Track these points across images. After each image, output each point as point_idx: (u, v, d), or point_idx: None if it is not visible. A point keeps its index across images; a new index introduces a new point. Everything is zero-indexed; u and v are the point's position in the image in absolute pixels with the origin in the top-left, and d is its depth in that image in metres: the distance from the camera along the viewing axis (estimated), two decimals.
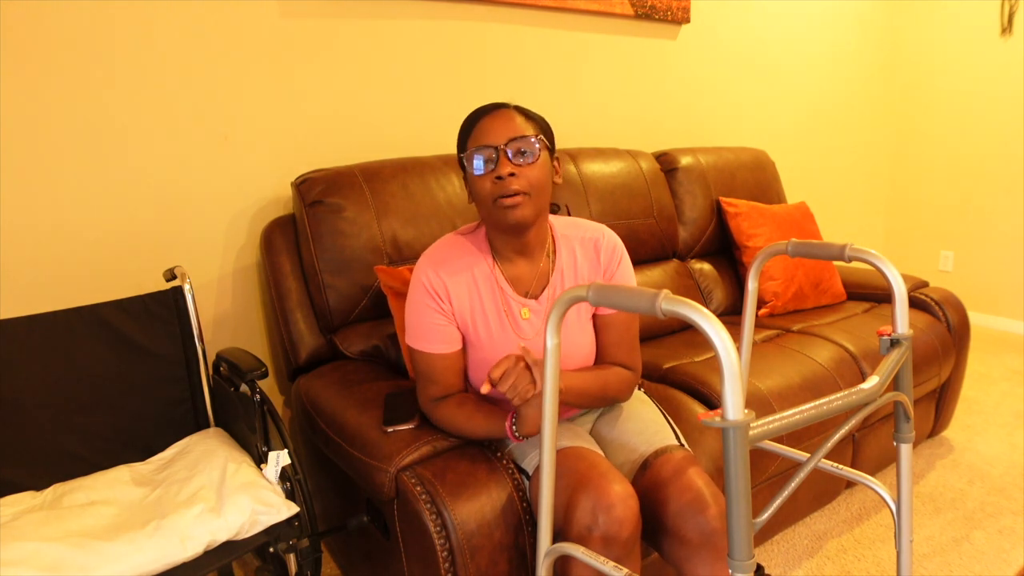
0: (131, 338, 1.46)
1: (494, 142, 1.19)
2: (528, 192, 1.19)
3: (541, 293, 1.31)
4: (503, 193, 1.18)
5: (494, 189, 1.19)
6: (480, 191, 1.21)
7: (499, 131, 1.19)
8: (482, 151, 1.19)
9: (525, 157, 1.19)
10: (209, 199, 1.75)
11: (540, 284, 1.31)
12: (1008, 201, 3.40)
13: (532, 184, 1.19)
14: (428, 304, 1.27)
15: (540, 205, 1.23)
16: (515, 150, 1.19)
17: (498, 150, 1.18)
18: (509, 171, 1.17)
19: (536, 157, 1.20)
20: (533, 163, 1.20)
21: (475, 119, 1.23)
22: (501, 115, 1.21)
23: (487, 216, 1.25)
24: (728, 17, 2.80)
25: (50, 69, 1.50)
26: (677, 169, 2.35)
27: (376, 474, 1.24)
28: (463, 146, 1.24)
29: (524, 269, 1.31)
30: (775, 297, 2.23)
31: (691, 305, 0.76)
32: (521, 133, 1.20)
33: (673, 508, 1.14)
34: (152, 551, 1.08)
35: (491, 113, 1.22)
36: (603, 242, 1.34)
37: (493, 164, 1.19)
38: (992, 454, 2.27)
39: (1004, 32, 3.27)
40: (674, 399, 1.60)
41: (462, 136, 1.25)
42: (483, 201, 1.22)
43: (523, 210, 1.19)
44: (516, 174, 1.18)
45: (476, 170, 1.20)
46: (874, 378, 0.93)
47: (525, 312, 1.30)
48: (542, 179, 1.21)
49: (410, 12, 1.98)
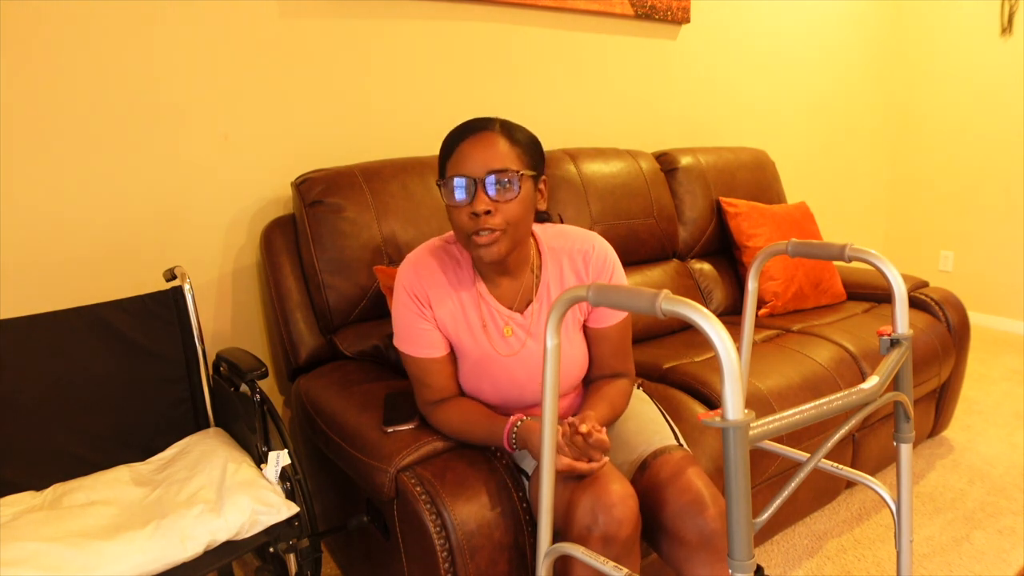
0: (131, 338, 1.46)
1: (472, 172, 1.12)
2: (504, 229, 1.14)
3: (526, 308, 1.28)
4: (478, 229, 1.13)
5: (469, 224, 1.13)
6: (456, 221, 1.16)
7: (479, 160, 1.12)
8: (459, 180, 1.13)
9: (505, 192, 1.12)
10: (209, 199, 1.75)
11: (524, 299, 1.28)
12: (1008, 201, 3.40)
13: (509, 220, 1.14)
14: (412, 310, 1.25)
15: (517, 238, 1.18)
16: (495, 183, 1.12)
17: (476, 182, 1.12)
18: (485, 208, 1.11)
19: (516, 193, 1.13)
20: (512, 199, 1.13)
21: (456, 141, 1.16)
22: (483, 140, 1.14)
23: (463, 246, 1.20)
24: (728, 17, 2.80)
25: (49, 69, 1.50)
26: (677, 169, 2.35)
27: (376, 474, 1.24)
28: (442, 170, 1.18)
29: (507, 287, 1.28)
30: (775, 297, 2.23)
31: (691, 305, 0.76)
32: (502, 165, 1.12)
33: (672, 509, 1.14)
34: (152, 551, 1.08)
35: (473, 136, 1.14)
36: (593, 255, 1.28)
37: (470, 197, 1.12)
38: (992, 454, 2.27)
39: (1004, 32, 3.27)
40: (674, 399, 1.60)
41: (442, 157, 1.18)
42: (458, 232, 1.18)
43: (498, 247, 1.15)
44: (492, 211, 1.12)
45: (451, 201, 1.14)
46: (874, 378, 0.93)
47: (507, 330, 1.27)
48: (520, 213, 1.15)
49: (410, 12, 1.98)
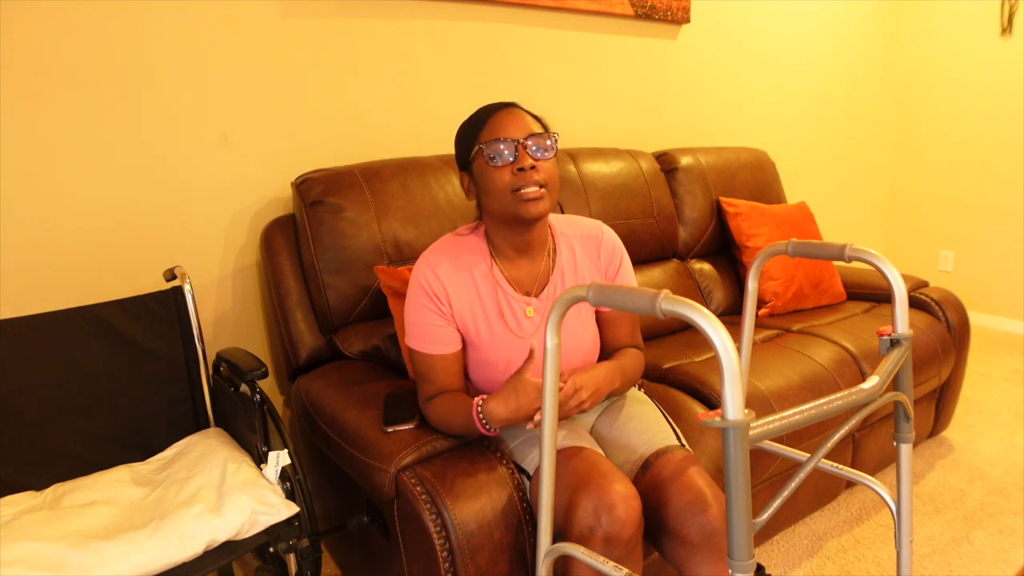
0: (131, 338, 1.46)
1: (514, 135, 1.20)
2: (546, 185, 1.21)
3: (542, 292, 1.31)
4: (524, 184, 1.19)
5: (514, 180, 1.19)
6: (497, 183, 1.21)
7: (516, 126, 1.21)
8: (501, 143, 1.20)
9: (544, 152, 1.21)
10: (209, 199, 1.75)
11: (540, 283, 1.32)
12: (1008, 201, 3.40)
13: (550, 178, 1.22)
14: (427, 305, 1.27)
15: (554, 199, 1.25)
16: (534, 144, 1.20)
17: (518, 144, 1.20)
18: (531, 163, 1.19)
19: (553, 152, 1.23)
20: (551, 158, 1.22)
21: (487, 115, 1.24)
22: (514, 112, 1.23)
23: (502, 209, 1.23)
24: (728, 17, 2.80)
25: (50, 69, 1.50)
26: (677, 169, 2.35)
27: (376, 474, 1.24)
28: (473, 140, 1.23)
29: (524, 269, 1.31)
30: (775, 297, 2.23)
31: (691, 305, 0.76)
32: (538, 129, 1.23)
33: (674, 508, 1.14)
34: (152, 551, 1.08)
35: (504, 109, 1.24)
36: (603, 240, 1.36)
37: (513, 156, 1.20)
38: (992, 454, 2.27)
39: (1004, 32, 3.27)
40: (674, 399, 1.60)
41: (471, 132, 1.24)
42: (499, 193, 1.21)
43: (544, 203, 1.21)
44: (536, 167, 1.20)
45: (495, 161, 1.20)
46: (874, 378, 0.93)
47: (530, 311, 1.30)
48: (557, 174, 1.24)
49: (410, 12, 1.98)
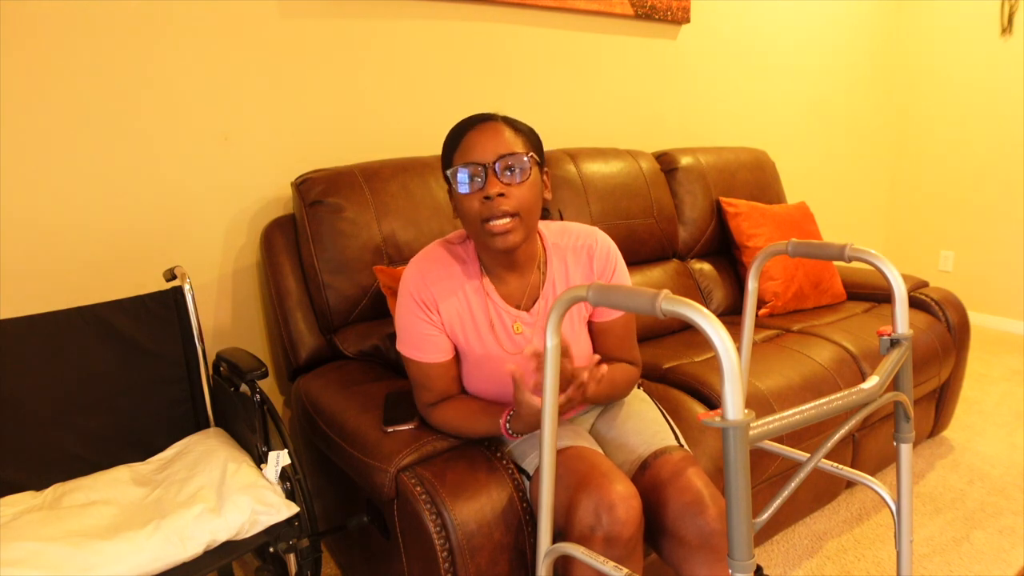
0: (131, 338, 1.46)
1: (482, 159, 1.12)
2: (518, 213, 1.13)
3: (532, 306, 1.28)
4: (492, 215, 1.12)
5: (482, 210, 1.12)
6: (467, 210, 1.14)
7: (487, 146, 1.12)
8: (469, 167, 1.12)
9: (515, 175, 1.13)
10: (209, 199, 1.75)
11: (531, 297, 1.28)
12: (1008, 201, 3.40)
13: (522, 205, 1.13)
14: (418, 315, 1.24)
15: (530, 226, 1.17)
16: (504, 167, 1.12)
17: (486, 168, 1.12)
18: (498, 191, 1.11)
19: (527, 175, 1.14)
20: (523, 182, 1.13)
21: (461, 132, 1.16)
22: (489, 129, 1.14)
23: (474, 237, 1.19)
24: (728, 17, 2.80)
25: (50, 69, 1.50)
26: (677, 169, 2.35)
27: (376, 474, 1.24)
28: (448, 161, 1.17)
29: (515, 284, 1.27)
30: (775, 297, 2.23)
31: (691, 305, 0.75)
32: (511, 149, 1.13)
33: (672, 509, 1.14)
34: (152, 551, 1.08)
35: (478, 126, 1.15)
36: (596, 249, 1.29)
37: (481, 182, 1.12)
38: (992, 454, 2.27)
39: (1004, 32, 3.27)
40: (674, 399, 1.60)
41: (447, 150, 1.18)
42: (470, 221, 1.16)
43: (514, 236, 1.14)
44: (505, 194, 1.12)
45: (462, 187, 1.13)
46: (874, 378, 0.93)
47: (518, 326, 1.27)
48: (532, 199, 1.15)
49: (410, 12, 1.98)
